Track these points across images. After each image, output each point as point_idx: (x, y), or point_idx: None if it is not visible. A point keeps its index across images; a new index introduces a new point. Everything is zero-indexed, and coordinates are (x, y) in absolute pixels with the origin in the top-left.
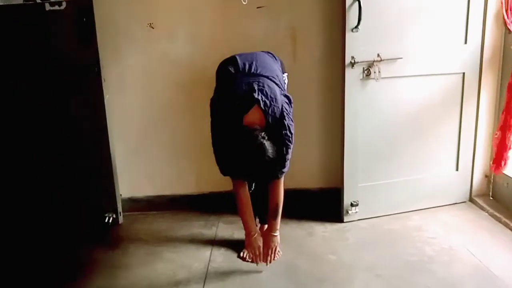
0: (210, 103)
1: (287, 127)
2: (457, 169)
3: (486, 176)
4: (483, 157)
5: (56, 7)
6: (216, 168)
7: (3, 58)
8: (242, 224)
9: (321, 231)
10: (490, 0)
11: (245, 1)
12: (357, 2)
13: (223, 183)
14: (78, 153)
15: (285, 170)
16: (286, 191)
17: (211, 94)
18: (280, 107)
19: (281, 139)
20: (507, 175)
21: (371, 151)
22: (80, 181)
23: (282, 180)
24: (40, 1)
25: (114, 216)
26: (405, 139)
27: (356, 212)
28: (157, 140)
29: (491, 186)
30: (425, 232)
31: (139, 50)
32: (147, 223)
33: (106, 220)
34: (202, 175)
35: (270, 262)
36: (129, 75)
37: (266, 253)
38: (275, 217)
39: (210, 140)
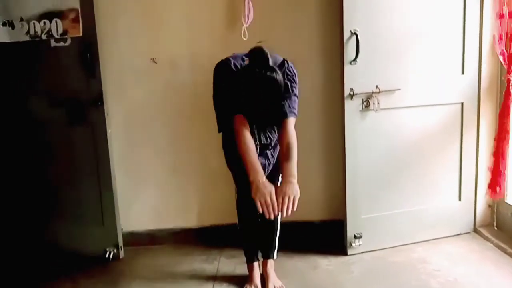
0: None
1: (289, 69)
2: (460, 199)
3: (489, 205)
4: (485, 187)
5: (61, 43)
6: (217, 201)
7: (9, 92)
8: (244, 255)
9: (325, 264)
10: (485, 31)
11: (245, 37)
12: (354, 36)
13: (225, 216)
14: (79, 186)
15: (294, 110)
16: (288, 224)
17: (213, 125)
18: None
19: (285, 78)
20: (510, 205)
21: (373, 182)
22: (80, 215)
23: (292, 122)
24: (45, 38)
25: (115, 250)
26: (406, 169)
27: (359, 244)
28: (159, 172)
29: (495, 216)
30: (430, 264)
31: (142, 84)
32: (148, 257)
33: (107, 255)
34: (204, 208)
35: (288, 213)
36: (132, 109)
37: (282, 202)
38: (288, 158)
39: (212, 173)
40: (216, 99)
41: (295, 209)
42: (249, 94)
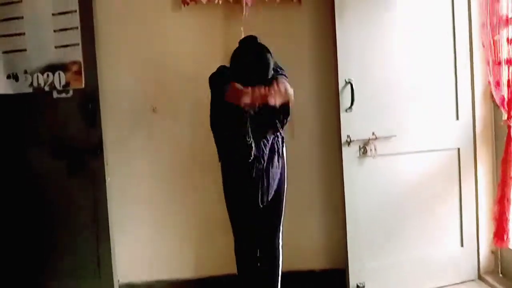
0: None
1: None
2: (462, 245)
3: (492, 252)
4: (487, 232)
5: (63, 95)
6: (215, 251)
7: (11, 142)
8: None
9: None
10: (476, 77)
11: None
12: (349, 85)
13: (222, 267)
14: (75, 237)
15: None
16: (288, 274)
17: (213, 175)
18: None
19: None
20: None
21: (374, 229)
22: (76, 267)
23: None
24: (48, 90)
25: None
26: (407, 215)
27: None
28: (156, 223)
29: (499, 262)
30: None
31: (142, 133)
32: None
33: None
34: (202, 258)
35: (281, 97)
36: (131, 158)
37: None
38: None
39: (209, 224)
40: (213, 113)
41: (290, 98)
42: (238, 70)
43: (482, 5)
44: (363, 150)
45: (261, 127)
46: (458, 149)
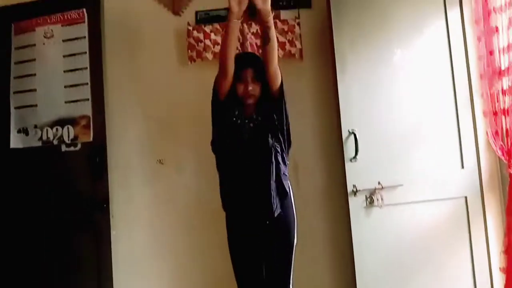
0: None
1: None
2: None
3: None
4: (500, 282)
5: (72, 148)
6: None
7: (18, 195)
8: None
9: None
10: (478, 127)
11: None
12: (352, 135)
13: None
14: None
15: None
16: None
17: (218, 228)
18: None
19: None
20: None
21: (383, 282)
22: None
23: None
24: (57, 143)
25: None
26: (417, 266)
27: None
28: (161, 276)
29: None
30: None
31: (148, 186)
32: None
33: None
34: None
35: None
36: (137, 211)
37: None
38: None
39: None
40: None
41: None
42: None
43: (479, 57)
44: (370, 200)
45: (261, 136)
46: (466, 197)
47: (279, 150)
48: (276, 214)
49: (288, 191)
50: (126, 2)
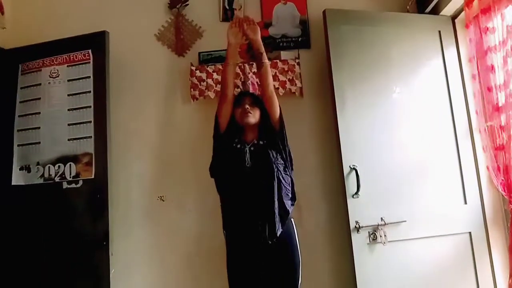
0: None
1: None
2: None
3: None
4: None
5: (73, 185)
6: None
7: (18, 233)
8: None
9: None
10: (480, 162)
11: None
12: (354, 171)
13: None
14: None
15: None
16: None
17: (220, 266)
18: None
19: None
20: None
21: None
22: None
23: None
24: (58, 180)
25: None
26: None
27: None
28: None
29: None
30: None
31: (148, 223)
32: None
33: None
34: None
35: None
36: (136, 248)
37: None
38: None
39: None
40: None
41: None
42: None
43: (476, 94)
44: (373, 237)
45: (263, 155)
46: (470, 233)
47: (281, 169)
48: (278, 234)
49: (289, 212)
50: (131, 43)
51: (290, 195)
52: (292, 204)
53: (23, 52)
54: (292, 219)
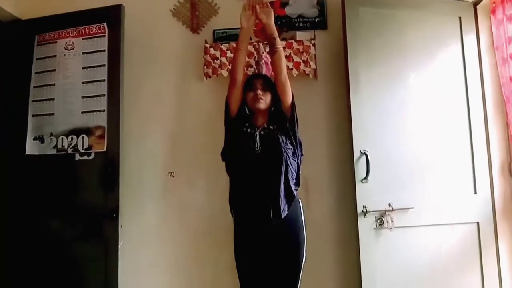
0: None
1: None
2: None
3: None
4: None
5: (85, 157)
6: None
7: (32, 199)
8: None
9: None
10: (493, 152)
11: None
12: (364, 156)
13: None
14: None
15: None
16: None
17: (227, 245)
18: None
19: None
20: None
21: None
22: None
23: None
24: (71, 152)
25: None
26: None
27: None
28: None
29: None
30: None
31: (158, 198)
32: None
33: None
34: None
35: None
36: (146, 222)
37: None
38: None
39: None
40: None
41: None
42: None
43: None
44: (380, 222)
45: (272, 140)
46: (478, 223)
47: (290, 154)
48: (283, 216)
49: (295, 195)
50: (146, 17)
51: (294, 180)
52: (296, 189)
53: (39, 23)
54: (299, 200)
